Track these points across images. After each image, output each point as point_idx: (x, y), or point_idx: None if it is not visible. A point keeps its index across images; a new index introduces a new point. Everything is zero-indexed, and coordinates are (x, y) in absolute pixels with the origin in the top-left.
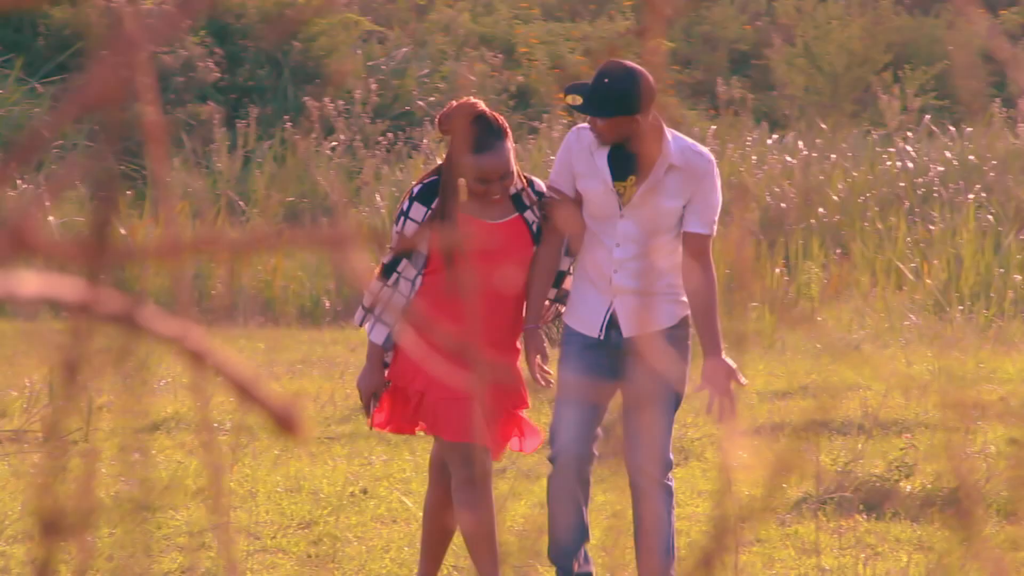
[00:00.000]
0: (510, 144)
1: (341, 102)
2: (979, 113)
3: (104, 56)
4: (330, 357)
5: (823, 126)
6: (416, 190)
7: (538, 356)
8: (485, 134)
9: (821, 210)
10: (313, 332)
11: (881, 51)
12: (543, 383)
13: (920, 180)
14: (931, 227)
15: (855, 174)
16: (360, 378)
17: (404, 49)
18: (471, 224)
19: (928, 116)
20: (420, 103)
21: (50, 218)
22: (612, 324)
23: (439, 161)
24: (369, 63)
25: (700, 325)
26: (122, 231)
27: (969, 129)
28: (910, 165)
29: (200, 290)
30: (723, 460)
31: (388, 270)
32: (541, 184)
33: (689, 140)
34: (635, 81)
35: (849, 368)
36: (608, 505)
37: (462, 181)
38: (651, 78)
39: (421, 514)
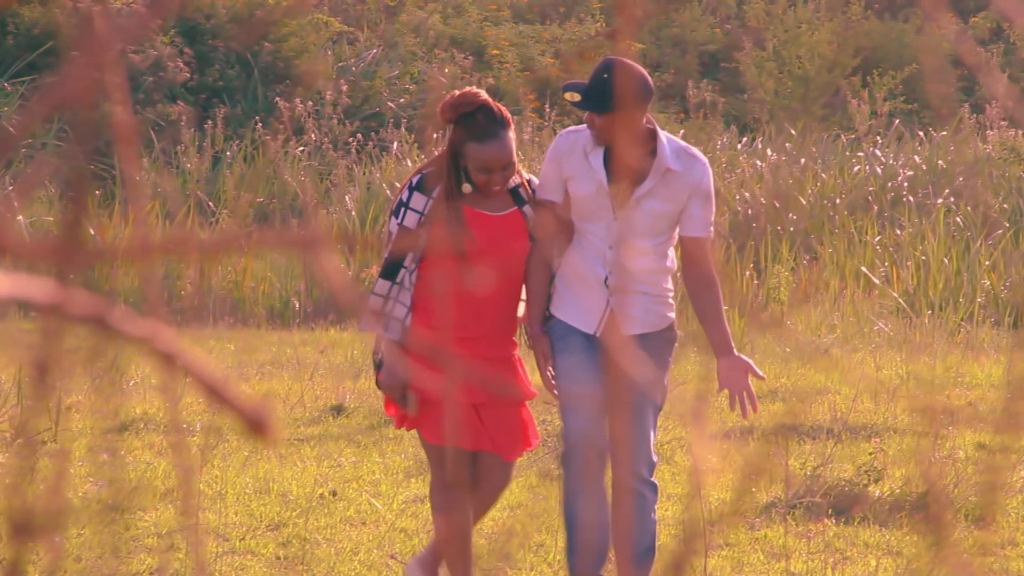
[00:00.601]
0: (512, 135)
1: (311, 103)
2: (948, 118)
3: (74, 56)
4: (300, 358)
5: (792, 131)
6: (415, 180)
7: (549, 363)
8: (488, 123)
9: (791, 214)
10: (283, 333)
11: (850, 55)
12: (555, 391)
13: (889, 185)
14: (900, 232)
15: (824, 177)
16: (384, 377)
17: (374, 50)
18: (471, 215)
19: (897, 121)
20: (390, 104)
21: (19, 218)
22: (608, 323)
23: (410, 163)
24: (339, 64)
25: (709, 326)
26: (92, 231)
27: (942, 133)
28: (879, 170)
29: (170, 291)
30: (692, 464)
31: (393, 267)
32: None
33: (682, 142)
34: (634, 77)
35: (818, 372)
36: None
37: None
38: (647, 76)
39: (390, 516)
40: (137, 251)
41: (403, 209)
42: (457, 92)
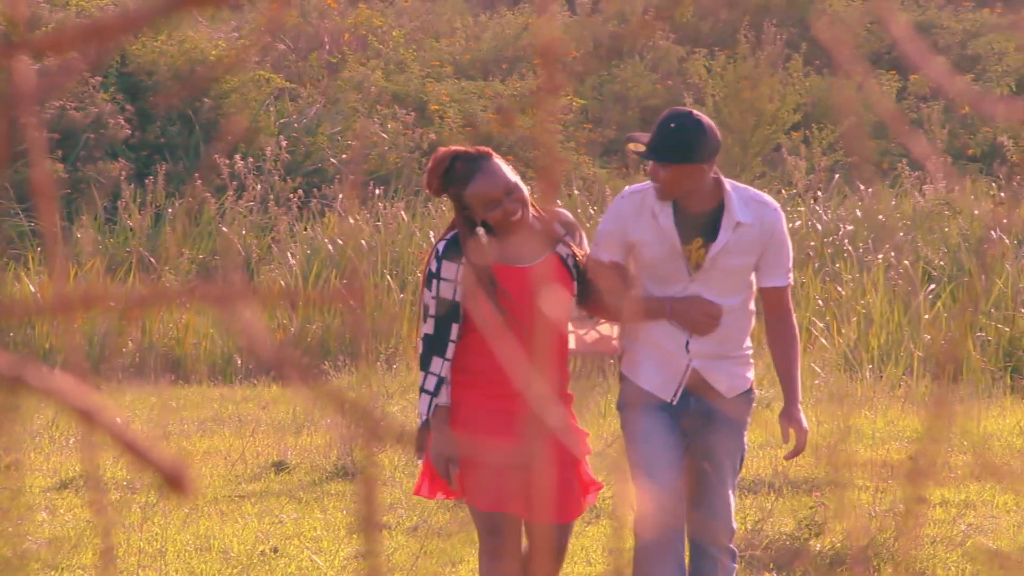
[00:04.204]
0: (500, 161)
1: (252, 159)
2: (888, 173)
3: None
4: (241, 415)
5: None
6: (441, 248)
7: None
8: (467, 163)
9: None
10: (224, 389)
11: (790, 111)
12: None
13: (829, 239)
14: (840, 287)
15: None
16: (433, 451)
17: (316, 106)
18: (504, 273)
19: (837, 175)
20: (332, 160)
21: None
22: (687, 389)
23: (351, 220)
24: (281, 120)
25: (784, 378)
26: (32, 288)
27: (868, 189)
28: (819, 225)
29: (111, 348)
30: (619, 520)
31: (442, 342)
32: (568, 215)
33: (751, 190)
34: (701, 128)
35: (759, 426)
36: None
37: (480, 230)
38: (715, 128)
39: (332, 573)
40: (57, 307)
41: (435, 281)
42: (430, 163)
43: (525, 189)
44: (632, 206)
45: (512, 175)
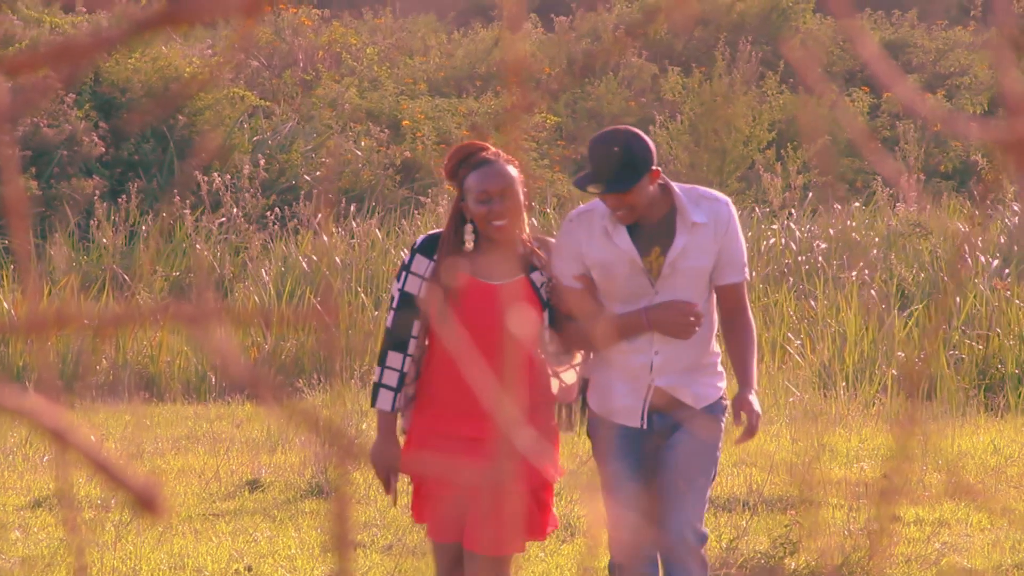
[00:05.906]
0: (517, 173)
1: (228, 176)
2: (861, 191)
3: None
4: (215, 433)
5: None
6: (419, 242)
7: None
8: (488, 155)
9: None
10: (198, 407)
11: (765, 129)
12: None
13: (804, 257)
14: (814, 303)
15: None
16: (373, 453)
17: (290, 124)
18: (471, 285)
19: (811, 193)
20: (306, 178)
21: None
22: (652, 409)
23: (325, 237)
24: (255, 138)
25: (737, 364)
26: (5, 306)
27: (839, 206)
28: (793, 245)
29: (84, 366)
30: (591, 539)
31: (401, 337)
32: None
33: (699, 188)
34: (640, 139)
35: (733, 444)
36: None
37: (469, 227)
38: (642, 133)
39: None
40: (31, 325)
41: (404, 273)
42: (454, 148)
43: (523, 203)
44: (583, 228)
45: (519, 186)
